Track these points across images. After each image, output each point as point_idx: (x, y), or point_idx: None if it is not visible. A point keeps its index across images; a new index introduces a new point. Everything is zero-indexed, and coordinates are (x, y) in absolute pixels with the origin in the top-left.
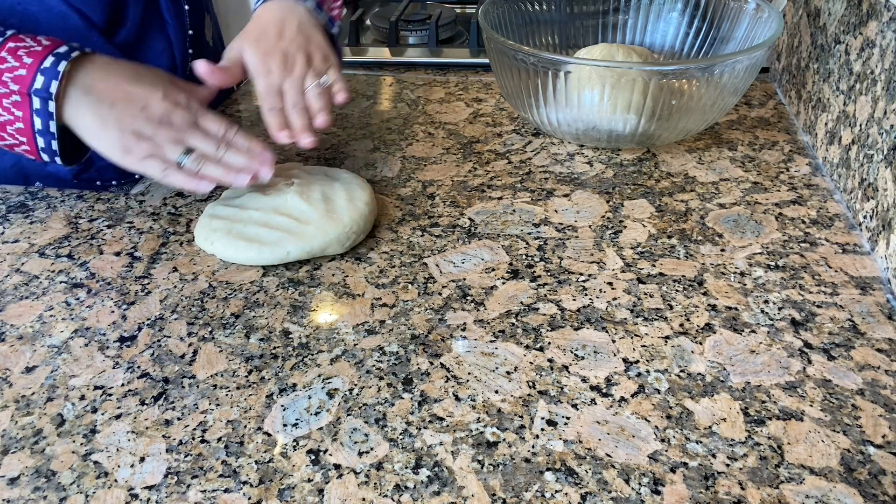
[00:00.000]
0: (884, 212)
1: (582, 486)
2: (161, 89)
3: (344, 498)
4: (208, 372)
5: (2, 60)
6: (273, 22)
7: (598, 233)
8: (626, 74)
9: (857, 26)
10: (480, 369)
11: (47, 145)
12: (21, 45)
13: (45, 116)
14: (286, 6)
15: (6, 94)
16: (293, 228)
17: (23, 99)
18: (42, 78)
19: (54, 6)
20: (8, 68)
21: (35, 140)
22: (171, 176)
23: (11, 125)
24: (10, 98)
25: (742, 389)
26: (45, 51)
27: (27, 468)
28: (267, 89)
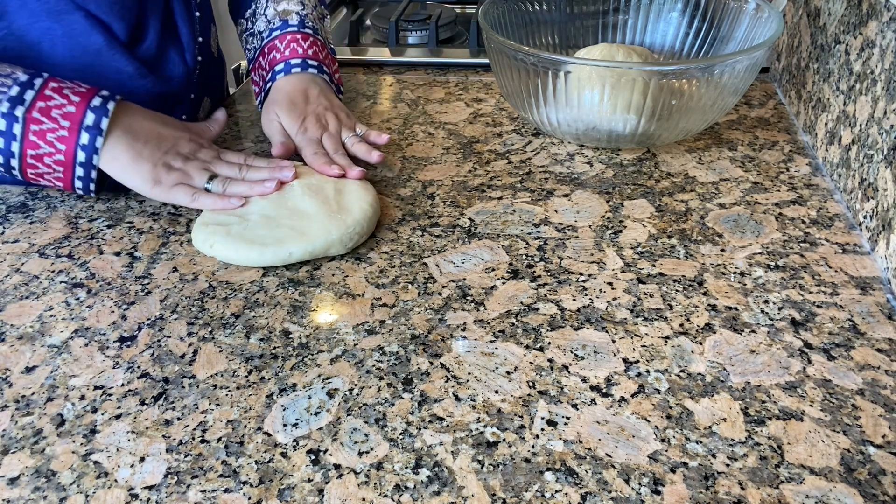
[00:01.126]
0: (884, 212)
1: (582, 486)
2: (188, 133)
3: (344, 498)
4: (208, 372)
5: (48, 98)
6: (298, 91)
7: (598, 233)
8: (626, 74)
9: (857, 26)
10: (480, 369)
11: (85, 175)
12: (65, 86)
13: (90, 151)
14: (304, 77)
15: (52, 129)
16: (296, 228)
17: (70, 134)
18: (93, 115)
19: (76, 23)
20: (56, 105)
21: (73, 170)
22: (199, 200)
23: (51, 157)
24: (56, 133)
25: (742, 389)
26: (91, 92)
27: (27, 468)
28: (307, 142)
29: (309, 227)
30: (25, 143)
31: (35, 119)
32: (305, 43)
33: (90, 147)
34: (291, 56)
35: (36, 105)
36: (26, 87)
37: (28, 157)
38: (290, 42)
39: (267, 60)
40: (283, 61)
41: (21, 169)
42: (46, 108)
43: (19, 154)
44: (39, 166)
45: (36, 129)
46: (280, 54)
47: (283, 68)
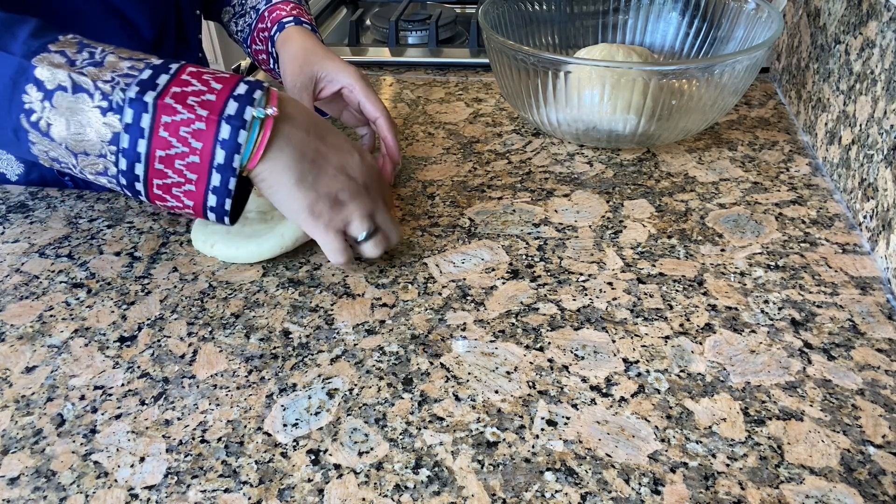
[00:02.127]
0: (884, 212)
1: (582, 486)
2: (357, 151)
3: (344, 498)
4: (208, 372)
5: (185, 83)
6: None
7: (598, 233)
8: (626, 74)
9: (857, 26)
10: (480, 369)
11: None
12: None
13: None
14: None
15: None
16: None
17: (209, 127)
18: (235, 104)
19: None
20: (194, 91)
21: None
22: (340, 255)
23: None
24: (190, 126)
25: (742, 389)
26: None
27: (27, 468)
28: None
29: None
30: (154, 140)
31: (168, 107)
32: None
33: (232, 142)
34: (300, 15)
35: (170, 90)
36: (160, 70)
37: (156, 160)
38: (293, 7)
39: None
40: (290, 16)
41: (146, 179)
42: (183, 93)
43: (146, 156)
44: (170, 173)
45: (168, 120)
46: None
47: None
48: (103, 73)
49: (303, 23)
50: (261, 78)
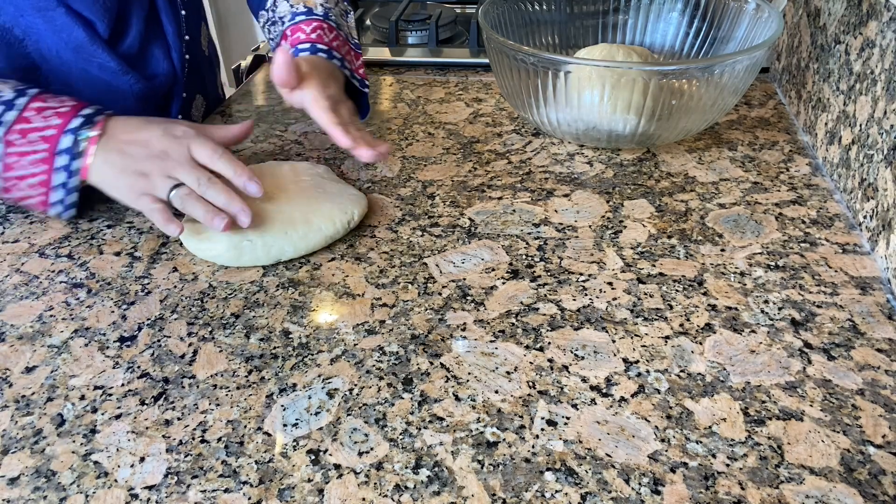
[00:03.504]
0: (884, 212)
1: (582, 486)
2: (162, 127)
3: (344, 498)
4: (208, 372)
5: (27, 120)
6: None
7: (598, 233)
8: (626, 74)
9: (857, 26)
10: (480, 369)
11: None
12: (48, 106)
13: (67, 174)
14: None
15: (29, 153)
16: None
17: (48, 157)
18: (71, 137)
19: (59, 18)
20: (35, 127)
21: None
22: (156, 213)
23: (29, 179)
24: (33, 156)
25: (742, 389)
26: (74, 110)
27: (27, 468)
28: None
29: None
30: (4, 165)
31: (12, 142)
32: (331, 34)
33: (67, 169)
34: (318, 41)
35: (14, 127)
36: (7, 107)
37: (9, 179)
38: (316, 28)
39: (290, 41)
40: (308, 42)
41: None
42: (24, 130)
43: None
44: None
45: (14, 150)
46: (305, 35)
47: (308, 48)
48: None
49: (319, 51)
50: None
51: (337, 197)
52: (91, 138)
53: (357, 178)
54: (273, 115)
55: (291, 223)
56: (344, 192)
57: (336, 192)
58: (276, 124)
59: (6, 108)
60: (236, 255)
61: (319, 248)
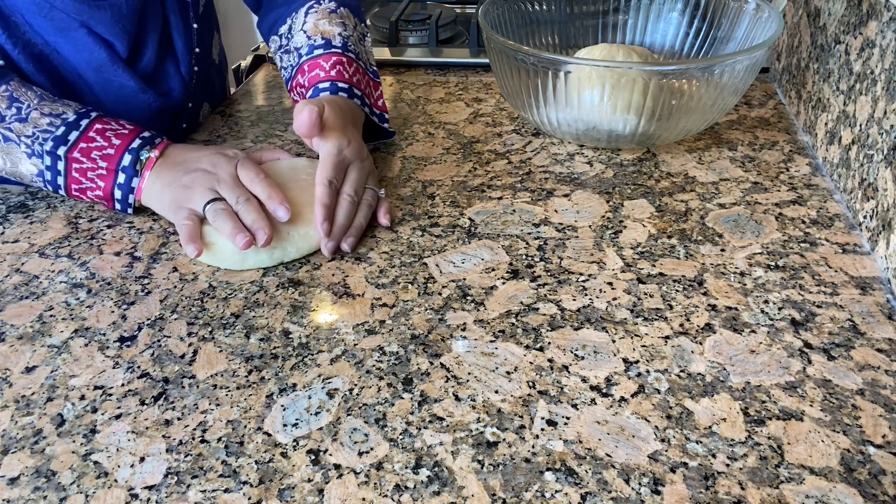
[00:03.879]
0: (884, 212)
1: (582, 486)
2: (215, 148)
3: (344, 498)
4: (208, 372)
5: (91, 139)
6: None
7: (598, 233)
8: (626, 74)
9: (857, 26)
10: (480, 369)
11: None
12: (109, 127)
13: (125, 189)
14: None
15: (92, 168)
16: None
17: (108, 175)
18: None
19: (80, 39)
20: (97, 146)
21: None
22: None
23: (92, 192)
24: (95, 171)
25: (742, 389)
26: (132, 134)
27: (27, 468)
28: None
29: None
30: (69, 178)
31: (76, 159)
32: (350, 68)
33: (126, 186)
34: (338, 78)
35: (78, 146)
36: (72, 127)
37: (73, 190)
38: (335, 63)
39: (308, 77)
40: (328, 80)
41: (68, 196)
42: (88, 148)
43: (65, 186)
44: (83, 198)
45: (77, 167)
46: (325, 73)
47: (328, 87)
48: (26, 129)
49: (340, 90)
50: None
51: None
52: (150, 159)
53: None
54: (273, 114)
55: (292, 222)
56: None
57: None
58: (276, 124)
59: (70, 128)
60: (240, 259)
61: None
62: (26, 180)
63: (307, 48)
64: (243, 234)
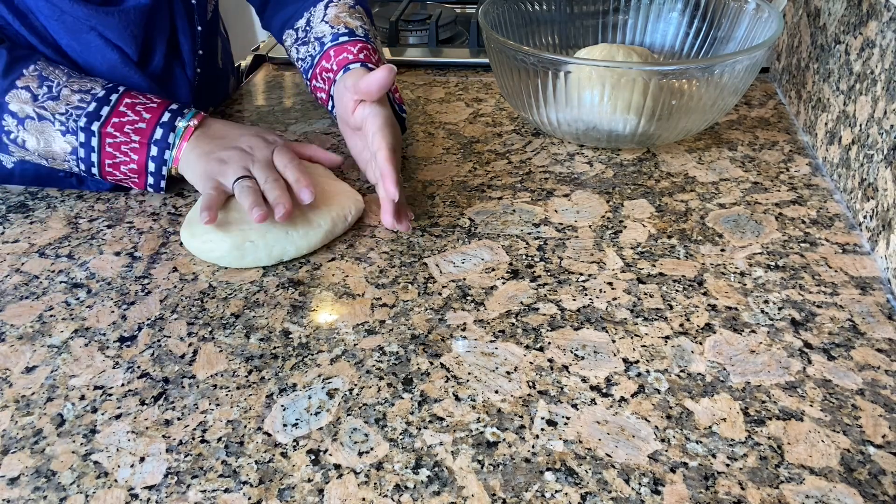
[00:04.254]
0: (884, 212)
1: (582, 486)
2: (256, 129)
3: (344, 498)
4: (208, 372)
5: (122, 114)
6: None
7: (598, 233)
8: (626, 74)
9: (857, 26)
10: (480, 369)
11: (156, 180)
12: (138, 101)
13: (159, 161)
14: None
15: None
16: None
17: (141, 147)
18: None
19: (92, 41)
20: (129, 120)
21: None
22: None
23: (126, 165)
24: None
25: (742, 389)
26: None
27: (27, 468)
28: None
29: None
30: (103, 154)
31: (109, 133)
32: (375, 56)
33: (159, 158)
34: (366, 60)
35: (111, 121)
36: (102, 103)
37: (106, 165)
38: (362, 48)
39: (334, 62)
40: (357, 61)
41: (101, 174)
42: (120, 123)
43: (98, 162)
44: (117, 173)
45: (111, 142)
46: (353, 55)
47: (359, 66)
48: (59, 106)
49: (369, 67)
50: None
51: (336, 195)
52: (189, 128)
53: (357, 177)
54: (273, 114)
55: (292, 222)
56: (341, 189)
57: (335, 190)
58: (276, 124)
59: (101, 103)
60: (238, 257)
61: (320, 247)
62: (59, 160)
63: (331, 36)
64: (260, 208)
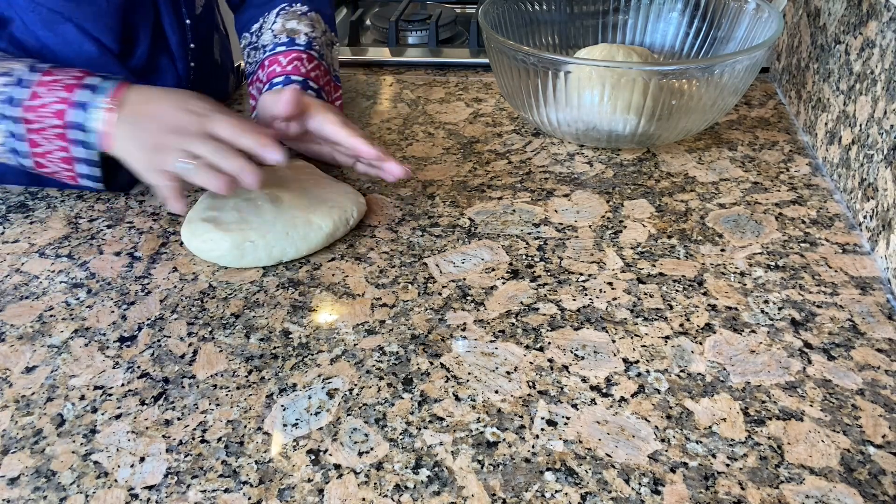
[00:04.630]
0: (884, 212)
1: (582, 486)
2: (175, 100)
3: (344, 498)
4: (208, 372)
5: (38, 96)
6: None
7: (598, 233)
8: (626, 74)
9: (857, 26)
10: (480, 369)
11: (90, 173)
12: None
13: (84, 147)
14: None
15: (46, 128)
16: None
17: (61, 133)
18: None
19: (68, 33)
20: (45, 103)
21: (73, 167)
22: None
23: (52, 155)
24: (50, 131)
25: (742, 389)
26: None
27: (27, 468)
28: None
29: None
30: (29, 142)
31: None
32: (310, 64)
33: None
34: (293, 73)
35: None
36: (22, 84)
37: (35, 156)
38: (293, 59)
39: (266, 73)
40: (283, 74)
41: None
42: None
43: (28, 153)
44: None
45: (32, 128)
46: (281, 68)
47: (282, 81)
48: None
49: (293, 82)
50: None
51: (336, 196)
52: (106, 109)
53: (357, 178)
54: None
55: (292, 223)
56: (343, 191)
57: (335, 191)
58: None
59: (19, 85)
60: (238, 256)
61: (320, 248)
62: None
63: (271, 45)
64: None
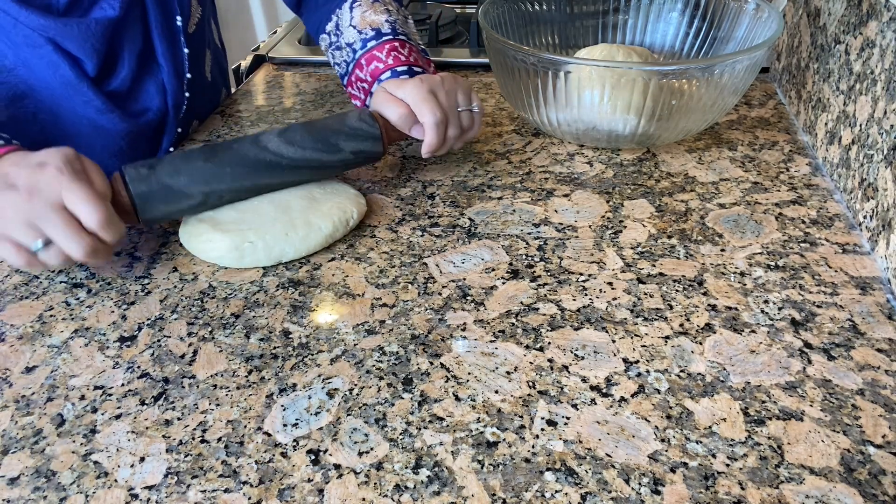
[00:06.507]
0: (884, 212)
1: (582, 486)
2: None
3: (344, 498)
4: (208, 372)
5: None
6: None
7: (598, 233)
8: (626, 75)
9: (857, 26)
10: (480, 369)
11: None
12: None
13: None
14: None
15: None
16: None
17: None
18: None
19: (46, 55)
20: None
21: None
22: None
23: None
24: None
25: (742, 389)
26: None
27: (27, 468)
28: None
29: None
30: None
31: None
32: (405, 50)
33: None
34: (396, 64)
35: None
36: None
37: None
38: (390, 50)
39: (367, 72)
40: (388, 69)
41: None
42: None
43: None
44: None
45: None
46: (383, 63)
47: (390, 75)
48: None
49: (400, 73)
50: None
51: (336, 197)
52: None
53: (357, 178)
54: (273, 114)
55: (292, 224)
56: (343, 191)
57: (335, 192)
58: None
59: None
60: (238, 257)
61: (320, 249)
62: None
63: (360, 42)
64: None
